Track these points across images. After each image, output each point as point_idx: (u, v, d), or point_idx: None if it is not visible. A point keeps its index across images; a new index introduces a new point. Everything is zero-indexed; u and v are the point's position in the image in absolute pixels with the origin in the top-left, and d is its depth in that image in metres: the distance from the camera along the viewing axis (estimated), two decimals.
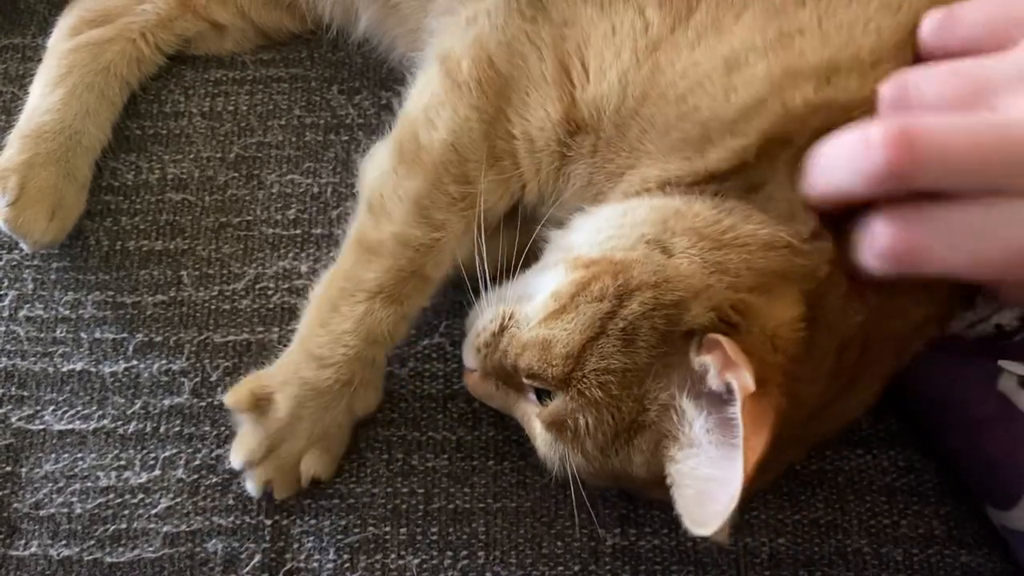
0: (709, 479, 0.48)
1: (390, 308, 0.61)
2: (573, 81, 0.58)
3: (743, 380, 0.46)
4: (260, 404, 0.62)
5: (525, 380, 0.56)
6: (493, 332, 0.58)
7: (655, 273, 0.51)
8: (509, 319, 0.57)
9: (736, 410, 0.46)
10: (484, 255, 0.60)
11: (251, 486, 0.63)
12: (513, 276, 0.61)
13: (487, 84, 0.60)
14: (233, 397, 0.62)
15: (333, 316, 0.62)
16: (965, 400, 0.60)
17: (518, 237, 0.61)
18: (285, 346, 0.65)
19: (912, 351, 0.57)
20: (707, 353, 0.49)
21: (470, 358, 0.61)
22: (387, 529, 0.65)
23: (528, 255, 0.63)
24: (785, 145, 0.52)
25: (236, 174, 0.75)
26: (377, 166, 0.64)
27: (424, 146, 0.61)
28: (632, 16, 0.57)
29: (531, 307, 0.56)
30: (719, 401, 0.48)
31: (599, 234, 0.56)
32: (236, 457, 0.63)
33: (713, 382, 0.48)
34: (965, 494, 0.65)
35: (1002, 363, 0.60)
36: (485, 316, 0.59)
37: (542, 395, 0.56)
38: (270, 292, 0.71)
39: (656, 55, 0.55)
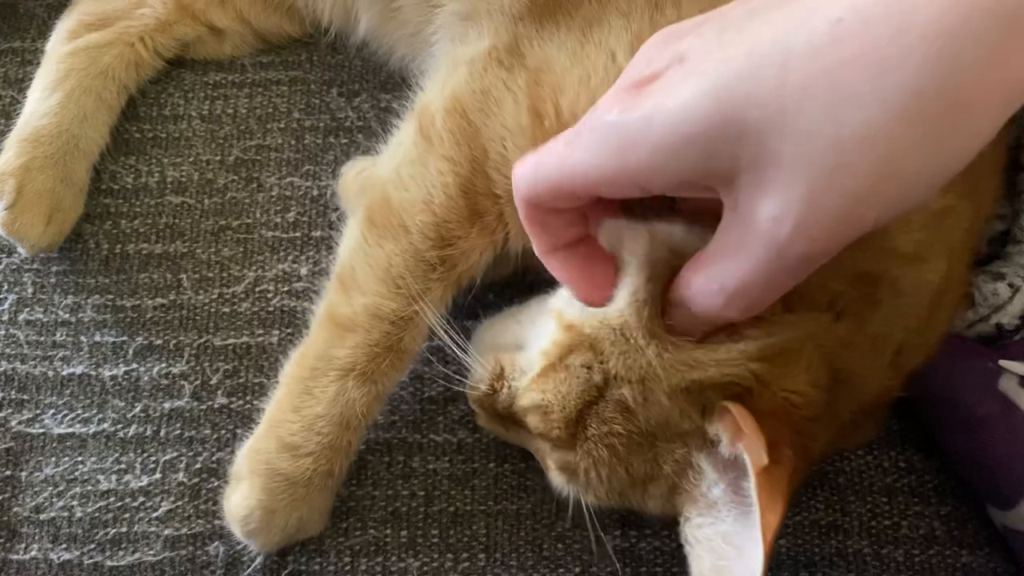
0: (726, 554, 0.47)
1: (364, 387, 0.58)
2: (545, 134, 0.54)
3: (756, 455, 0.44)
4: (231, 491, 0.60)
5: (537, 436, 0.54)
6: (484, 392, 0.56)
7: (630, 368, 0.48)
8: (500, 378, 0.55)
9: (750, 485, 0.44)
10: (433, 320, 0.57)
11: None
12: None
13: (459, 134, 0.57)
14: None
15: (305, 399, 0.58)
16: (966, 400, 0.60)
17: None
18: (285, 349, 0.65)
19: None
20: (718, 420, 0.47)
21: (472, 406, 0.59)
22: (387, 532, 0.65)
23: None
24: None
25: (235, 177, 0.75)
26: (347, 239, 0.61)
27: (396, 209, 0.58)
28: (604, 61, 0.54)
29: (524, 359, 0.54)
30: (734, 465, 0.47)
31: None
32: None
33: (726, 451, 0.47)
34: (966, 494, 0.65)
35: (1002, 363, 0.60)
36: (476, 370, 0.57)
37: None
38: (270, 295, 0.71)
39: None
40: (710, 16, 0.40)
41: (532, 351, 0.54)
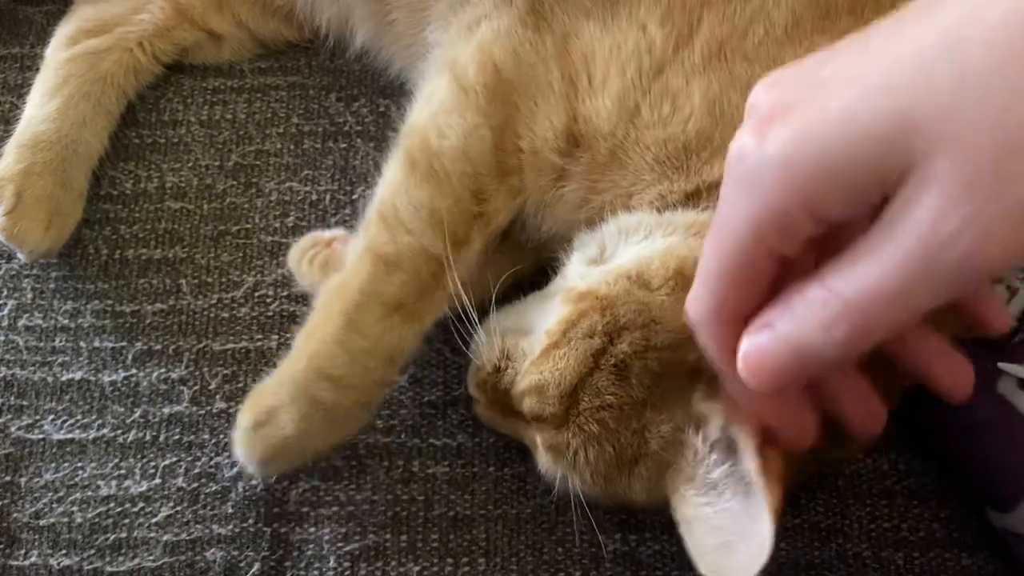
0: (729, 529, 0.47)
1: (409, 324, 0.59)
2: (579, 93, 0.57)
3: (751, 435, 0.45)
4: (260, 421, 0.59)
5: (531, 421, 0.55)
6: (489, 372, 0.58)
7: (639, 313, 0.50)
8: (505, 358, 0.57)
9: (749, 466, 0.45)
10: (461, 290, 0.58)
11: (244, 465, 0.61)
12: (493, 304, 0.60)
13: (494, 89, 0.59)
14: (245, 419, 0.59)
15: (350, 333, 0.58)
16: (964, 402, 0.60)
17: (514, 258, 0.61)
18: (285, 354, 0.64)
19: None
20: (713, 400, 0.48)
21: (473, 391, 0.61)
22: (387, 536, 0.65)
23: (524, 276, 0.63)
24: None
25: (235, 182, 0.75)
26: (387, 180, 0.62)
27: (436, 153, 0.59)
28: (636, 33, 0.56)
29: (528, 343, 0.56)
30: (729, 447, 0.48)
31: (587, 265, 0.55)
32: (236, 454, 0.60)
33: (714, 432, 0.48)
34: (965, 497, 0.65)
35: (1001, 365, 0.60)
36: (482, 352, 0.58)
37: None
38: (269, 300, 0.71)
39: (662, 78, 0.55)
40: (835, 47, 0.37)
41: (537, 333, 0.55)
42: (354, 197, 0.74)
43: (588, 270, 0.55)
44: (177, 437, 0.67)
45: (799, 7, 0.55)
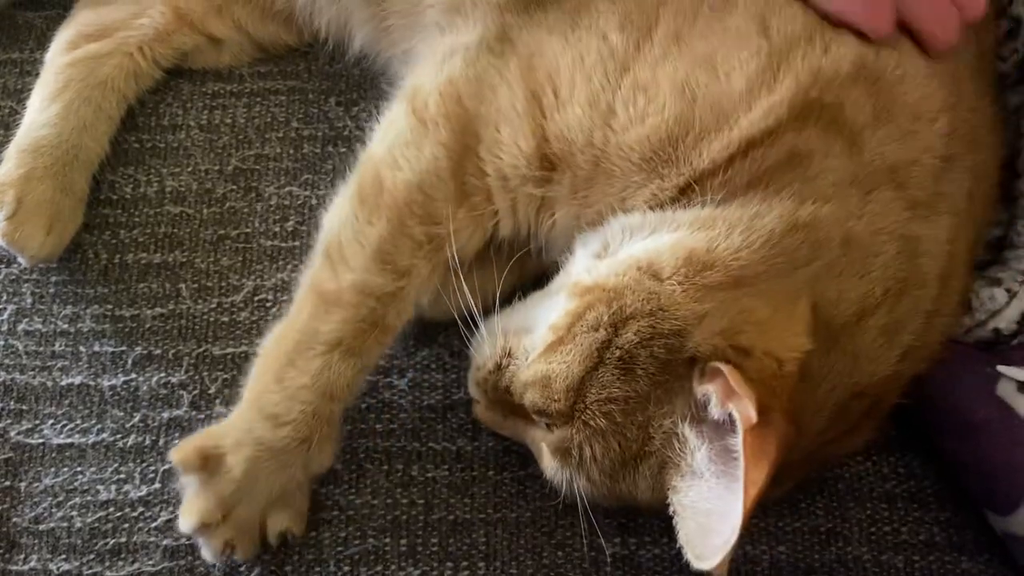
0: (710, 512, 0.48)
1: (349, 361, 0.59)
2: (544, 111, 0.57)
3: (745, 411, 0.45)
4: (209, 465, 0.59)
5: (534, 416, 0.55)
6: (490, 370, 0.58)
7: (648, 301, 0.50)
8: (507, 356, 0.57)
9: (737, 442, 0.45)
10: (466, 290, 0.58)
11: (208, 552, 0.60)
12: (498, 305, 0.60)
13: (455, 120, 0.59)
14: (179, 455, 0.59)
15: (288, 371, 0.59)
16: (964, 405, 0.60)
17: (513, 263, 0.61)
18: None
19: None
20: (709, 382, 0.48)
21: (474, 391, 0.61)
22: (387, 540, 0.65)
23: (527, 277, 0.64)
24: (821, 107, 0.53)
25: (234, 186, 0.75)
26: (335, 212, 0.62)
27: (387, 188, 0.59)
28: (597, 42, 0.57)
29: (530, 341, 0.56)
30: (721, 430, 0.48)
31: (594, 259, 0.56)
32: (187, 521, 0.59)
33: (715, 411, 0.48)
34: (965, 500, 0.65)
35: (1000, 368, 0.60)
36: (483, 351, 0.59)
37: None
38: (268, 304, 0.71)
39: (630, 75, 0.56)
40: None
41: (540, 330, 0.55)
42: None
43: (594, 264, 0.55)
44: (177, 441, 0.66)
45: None
